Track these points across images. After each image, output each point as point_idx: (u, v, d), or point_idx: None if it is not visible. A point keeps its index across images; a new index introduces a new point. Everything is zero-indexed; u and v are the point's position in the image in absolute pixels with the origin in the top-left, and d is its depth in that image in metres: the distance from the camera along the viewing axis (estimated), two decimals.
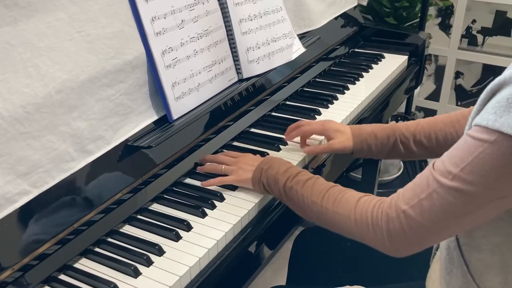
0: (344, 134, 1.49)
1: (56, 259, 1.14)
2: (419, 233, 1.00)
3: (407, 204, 1.00)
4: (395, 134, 1.45)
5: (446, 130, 1.41)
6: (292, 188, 1.23)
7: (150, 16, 1.40)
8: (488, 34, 3.08)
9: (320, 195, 1.18)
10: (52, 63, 1.19)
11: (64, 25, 1.23)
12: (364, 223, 1.07)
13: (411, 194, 1.00)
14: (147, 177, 1.34)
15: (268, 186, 1.30)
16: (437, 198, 0.96)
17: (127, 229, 1.27)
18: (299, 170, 1.27)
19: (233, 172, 1.39)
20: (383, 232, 1.03)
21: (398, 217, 1.01)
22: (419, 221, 0.98)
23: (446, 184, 0.94)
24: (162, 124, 1.45)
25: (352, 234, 1.12)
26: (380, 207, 1.05)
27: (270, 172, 1.30)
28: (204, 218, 1.30)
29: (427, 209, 0.97)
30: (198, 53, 1.55)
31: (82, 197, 1.21)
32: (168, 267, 1.15)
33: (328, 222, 1.17)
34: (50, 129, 1.17)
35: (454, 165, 0.94)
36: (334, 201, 1.15)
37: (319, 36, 2.11)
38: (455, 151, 0.95)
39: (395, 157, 1.49)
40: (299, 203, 1.22)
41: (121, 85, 1.34)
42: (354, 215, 1.09)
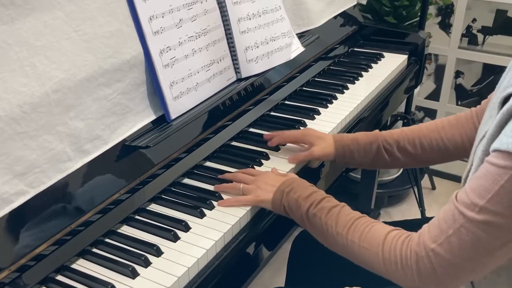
0: (326, 141, 1.49)
1: (53, 259, 1.14)
2: (450, 271, 0.97)
3: (434, 242, 0.97)
4: (378, 140, 1.44)
5: (431, 136, 1.41)
6: (316, 216, 1.19)
7: (148, 15, 1.41)
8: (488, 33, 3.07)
9: (346, 226, 1.14)
10: (49, 62, 1.19)
11: (61, 24, 1.23)
12: (393, 262, 1.04)
13: (438, 231, 0.98)
14: (145, 177, 1.34)
15: (290, 210, 1.26)
16: (465, 233, 0.93)
17: (124, 230, 1.27)
18: (324, 196, 1.23)
19: (251, 192, 1.33)
20: (413, 272, 1.01)
21: (427, 256, 0.98)
22: (449, 259, 0.96)
23: (473, 218, 0.92)
24: (160, 124, 1.45)
25: (380, 271, 1.09)
26: (408, 245, 1.02)
27: (292, 196, 1.25)
28: (202, 219, 1.30)
29: (456, 246, 0.95)
30: (196, 52, 1.55)
31: (79, 198, 1.21)
32: (166, 268, 1.15)
33: (354, 256, 1.13)
34: (47, 129, 1.17)
35: (479, 197, 0.91)
36: (361, 234, 1.11)
37: (318, 35, 2.11)
38: (478, 181, 0.92)
39: (381, 165, 1.47)
40: (323, 231, 1.18)
41: (118, 85, 1.34)
42: (382, 252, 1.06)
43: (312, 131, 1.54)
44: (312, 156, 1.49)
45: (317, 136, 1.51)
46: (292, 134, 1.56)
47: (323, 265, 1.52)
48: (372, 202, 2.83)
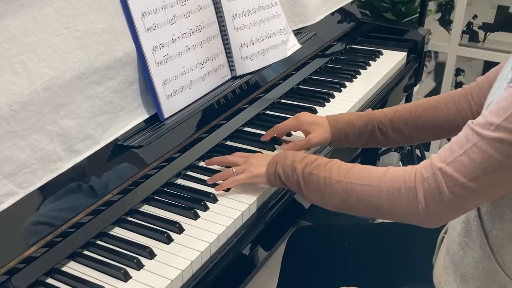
0: (321, 126, 1.51)
1: (44, 262, 1.14)
2: (456, 192, 0.98)
3: (443, 162, 0.99)
4: (373, 122, 1.47)
5: (424, 116, 1.44)
6: (312, 173, 1.21)
7: (140, 11, 1.41)
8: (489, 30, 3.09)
9: (344, 172, 1.16)
10: (39, 59, 1.19)
11: (51, 21, 1.23)
12: (396, 188, 1.05)
13: (449, 152, 0.99)
14: (137, 178, 1.34)
15: (285, 177, 1.28)
16: (477, 152, 0.95)
17: (116, 232, 1.28)
18: (317, 157, 1.26)
19: (245, 170, 1.37)
20: (416, 195, 1.02)
21: (434, 175, 0.99)
22: (457, 178, 0.97)
23: (487, 136, 0.93)
24: (153, 123, 1.45)
25: (381, 206, 1.09)
26: (413, 170, 1.04)
27: (286, 163, 1.28)
28: (196, 220, 1.30)
29: (466, 164, 0.96)
30: (190, 50, 1.55)
31: (70, 198, 1.21)
32: (159, 271, 1.16)
33: (354, 199, 1.14)
34: (37, 128, 1.17)
35: (496, 116, 0.93)
36: (360, 174, 1.13)
37: (315, 32, 2.12)
38: (497, 104, 0.94)
39: (373, 143, 1.51)
40: (320, 187, 1.20)
41: (110, 83, 1.34)
42: (384, 182, 1.07)
43: (305, 117, 1.55)
44: (310, 144, 1.52)
45: (312, 122, 1.53)
46: (286, 126, 1.58)
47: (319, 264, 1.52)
48: None
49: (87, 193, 1.24)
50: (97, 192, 1.25)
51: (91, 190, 1.25)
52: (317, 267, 1.52)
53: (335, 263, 1.51)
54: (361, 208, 1.15)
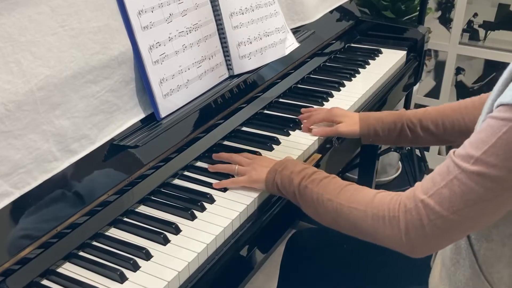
0: (352, 119, 1.60)
1: (39, 263, 1.14)
2: (438, 224, 0.99)
3: (425, 194, 1.00)
4: (402, 119, 1.52)
5: (453, 117, 1.47)
6: (307, 187, 1.24)
7: (136, 9, 1.41)
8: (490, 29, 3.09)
9: (335, 191, 1.18)
10: (34, 58, 1.19)
11: (46, 19, 1.23)
12: (381, 217, 1.06)
13: (430, 184, 1.00)
14: (133, 178, 1.34)
15: (282, 187, 1.31)
16: (457, 185, 0.95)
17: (113, 232, 1.28)
18: (315, 170, 1.28)
19: (246, 173, 1.40)
20: (399, 225, 1.03)
21: (416, 207, 1.00)
22: (438, 211, 0.98)
23: (467, 169, 0.94)
24: (149, 123, 1.45)
25: (366, 231, 1.11)
26: (398, 199, 1.05)
27: (284, 173, 1.31)
28: (193, 221, 1.30)
29: (447, 197, 0.97)
30: (187, 48, 1.55)
31: (65, 199, 1.21)
32: (156, 272, 1.16)
33: (343, 220, 1.16)
34: (32, 128, 1.18)
35: (476, 149, 0.93)
36: (350, 196, 1.15)
37: (314, 31, 2.12)
38: (477, 135, 0.95)
39: (405, 142, 1.55)
40: (313, 202, 1.22)
41: (106, 82, 1.34)
42: (371, 209, 1.09)
43: (339, 110, 1.66)
44: (337, 132, 1.61)
45: (343, 115, 1.63)
46: (319, 117, 1.67)
47: (318, 267, 1.53)
48: None
49: (82, 194, 1.24)
50: (92, 192, 1.26)
51: (86, 191, 1.25)
52: (316, 269, 1.52)
53: (335, 265, 1.52)
54: (349, 229, 1.17)
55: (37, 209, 1.16)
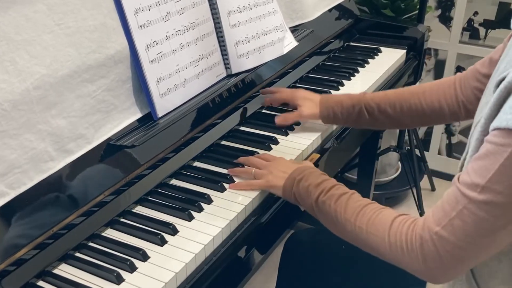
0: (313, 101, 1.64)
1: (34, 264, 1.14)
2: (455, 254, 1.00)
3: (438, 225, 1.00)
4: (361, 102, 1.56)
5: (411, 100, 1.52)
6: (325, 203, 1.24)
7: (133, 7, 1.41)
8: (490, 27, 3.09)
9: (354, 212, 1.18)
10: (30, 57, 1.19)
11: (42, 17, 1.23)
12: (399, 247, 1.07)
13: (441, 214, 1.00)
14: (130, 178, 1.35)
15: (300, 198, 1.31)
16: (468, 215, 0.96)
17: (109, 233, 1.28)
18: (334, 184, 1.27)
19: (263, 177, 1.40)
20: (418, 257, 1.04)
21: (431, 239, 1.01)
22: (453, 242, 0.98)
23: (475, 199, 0.94)
24: (146, 122, 1.46)
25: (386, 257, 1.12)
26: (414, 229, 1.05)
27: (303, 184, 1.30)
28: (190, 221, 1.31)
29: (460, 228, 0.97)
30: (184, 47, 1.55)
31: (61, 199, 1.22)
32: (153, 273, 1.16)
33: (362, 243, 1.17)
34: (28, 127, 1.18)
35: (480, 177, 0.94)
36: (368, 220, 1.15)
37: (312, 29, 2.12)
38: (478, 161, 0.95)
39: (364, 124, 1.60)
40: (332, 219, 1.22)
41: (103, 81, 1.35)
42: (389, 237, 1.09)
43: (302, 92, 1.71)
44: (301, 116, 1.65)
45: (305, 97, 1.67)
46: (283, 95, 1.74)
47: (317, 268, 1.53)
48: None
49: (79, 194, 1.24)
50: (89, 193, 1.26)
51: (83, 191, 1.25)
52: (315, 270, 1.53)
53: (333, 266, 1.52)
54: (368, 251, 1.17)
55: (33, 209, 1.16)
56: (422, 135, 3.39)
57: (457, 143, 3.34)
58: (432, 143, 3.40)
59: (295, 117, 1.67)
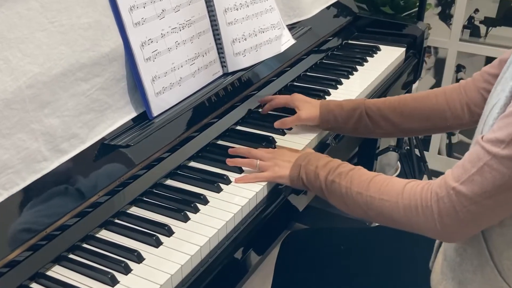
0: (312, 105, 1.64)
1: (28, 266, 1.14)
2: (472, 210, 1.01)
3: (457, 181, 1.02)
4: (361, 107, 1.56)
5: (413, 106, 1.51)
6: (334, 182, 1.27)
7: (128, 5, 1.41)
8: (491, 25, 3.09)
9: (364, 184, 1.21)
10: (23, 55, 1.19)
11: (36, 15, 1.24)
12: (413, 207, 1.09)
13: (461, 171, 1.03)
14: (125, 179, 1.35)
15: (308, 182, 1.34)
16: (488, 171, 0.98)
17: (103, 234, 1.29)
18: (340, 163, 1.31)
19: (269, 169, 1.42)
20: (433, 214, 1.06)
21: (448, 195, 1.03)
22: (471, 197, 1.00)
23: (498, 154, 0.96)
24: (141, 122, 1.46)
25: (399, 221, 1.14)
26: (429, 188, 1.08)
27: (309, 168, 1.34)
28: (186, 223, 1.31)
29: (479, 183, 0.99)
30: (180, 45, 1.56)
31: (55, 200, 1.22)
32: (148, 275, 1.16)
33: (374, 212, 1.19)
34: (21, 127, 1.18)
35: (505, 133, 0.96)
36: (380, 188, 1.18)
37: (310, 27, 2.13)
38: (505, 119, 0.97)
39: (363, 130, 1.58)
40: (342, 196, 1.25)
41: (97, 80, 1.35)
42: (402, 199, 1.12)
43: (300, 96, 1.70)
44: (299, 119, 1.65)
45: (304, 100, 1.67)
46: (281, 100, 1.73)
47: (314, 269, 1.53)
48: None
49: (72, 195, 1.24)
50: (83, 193, 1.26)
51: (77, 192, 1.25)
52: (311, 272, 1.53)
53: (330, 267, 1.52)
54: (381, 220, 1.20)
55: (25, 210, 1.16)
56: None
57: (457, 142, 3.34)
58: (432, 142, 3.41)
59: (294, 120, 1.67)
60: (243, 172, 1.48)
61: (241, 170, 1.49)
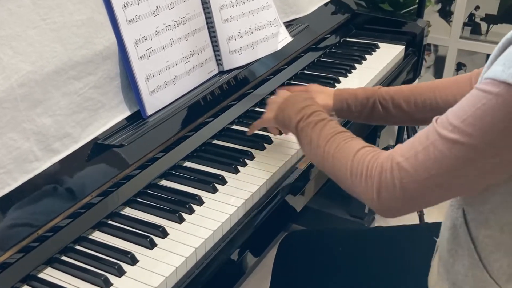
0: (326, 94, 1.65)
1: (19, 268, 1.14)
2: (410, 188, 1.02)
3: (402, 156, 1.03)
4: (375, 95, 1.57)
5: (425, 95, 1.51)
6: (303, 130, 1.30)
7: (122, 2, 1.42)
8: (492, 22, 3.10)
9: (325, 139, 1.23)
10: (15, 53, 1.20)
11: (27, 12, 1.24)
12: (358, 173, 1.10)
13: (409, 147, 1.04)
14: (118, 179, 1.35)
15: (285, 125, 1.40)
16: (432, 151, 0.99)
17: (96, 236, 1.29)
18: (314, 110, 1.33)
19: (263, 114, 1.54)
20: (373, 185, 1.07)
21: (391, 169, 1.04)
22: (412, 174, 1.01)
23: (444, 136, 0.98)
24: (135, 121, 1.46)
25: (345, 184, 1.16)
26: (377, 158, 1.09)
27: (286, 112, 1.39)
28: (181, 224, 1.31)
29: (421, 162, 1.00)
30: (174, 43, 1.56)
31: (47, 201, 1.22)
32: (142, 278, 1.16)
33: (328, 168, 1.22)
34: (12, 126, 1.18)
35: (456, 117, 0.97)
36: (336, 146, 1.19)
37: (308, 24, 2.13)
38: (460, 104, 0.99)
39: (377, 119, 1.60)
40: (307, 145, 1.29)
41: (90, 78, 1.35)
42: (351, 163, 1.13)
43: (315, 86, 1.71)
44: None
45: (319, 91, 1.67)
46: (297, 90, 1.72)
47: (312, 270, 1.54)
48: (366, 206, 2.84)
49: (65, 195, 1.25)
50: (76, 194, 1.26)
51: (69, 192, 1.25)
52: (309, 273, 1.53)
53: (328, 269, 1.53)
54: (333, 178, 1.22)
55: (17, 211, 1.17)
56: None
57: None
58: None
59: None
60: (239, 172, 1.48)
61: (237, 170, 1.49)
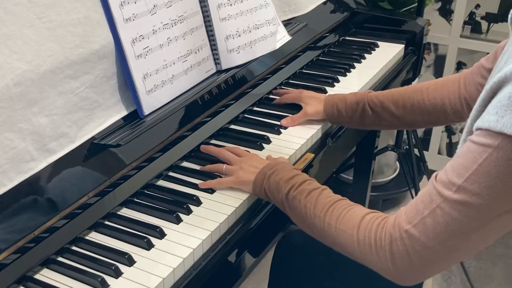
0: (317, 100, 1.69)
1: (15, 269, 1.14)
2: (424, 255, 1.00)
3: (409, 223, 1.01)
4: (364, 99, 1.60)
5: (413, 98, 1.54)
6: (295, 198, 1.25)
7: (118, 0, 1.42)
8: (493, 21, 3.11)
9: (323, 208, 1.19)
10: (10, 52, 1.20)
11: (23, 10, 1.24)
12: (367, 244, 1.08)
13: (414, 212, 1.01)
14: (115, 179, 1.35)
15: (270, 193, 1.32)
16: (441, 215, 0.97)
17: (93, 237, 1.29)
18: (305, 179, 1.29)
19: (234, 173, 1.41)
20: (386, 255, 1.04)
21: (401, 238, 1.02)
22: (423, 242, 0.99)
23: (449, 198, 0.95)
24: (132, 120, 1.46)
25: (354, 255, 1.13)
26: (384, 227, 1.06)
27: (273, 178, 1.32)
28: (178, 224, 1.31)
29: (431, 227, 0.98)
30: (172, 42, 1.56)
31: (43, 201, 1.22)
32: (139, 279, 1.16)
33: (330, 240, 1.18)
34: (8, 126, 1.18)
35: (457, 176, 0.95)
36: (338, 217, 1.16)
37: (306, 23, 2.13)
38: (458, 160, 0.97)
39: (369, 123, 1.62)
40: (302, 215, 1.24)
41: (86, 77, 1.35)
42: (357, 234, 1.10)
43: (307, 92, 1.76)
44: (305, 115, 1.70)
45: (311, 96, 1.72)
46: (291, 96, 1.79)
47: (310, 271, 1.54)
48: (365, 207, 2.85)
49: (61, 196, 1.25)
50: (72, 194, 1.26)
51: (66, 192, 1.25)
52: (307, 274, 1.54)
53: (325, 270, 1.53)
54: (337, 249, 1.19)
55: (13, 212, 1.17)
56: (422, 134, 3.40)
57: (458, 142, 3.35)
58: (432, 142, 3.42)
59: (301, 117, 1.71)
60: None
61: None
